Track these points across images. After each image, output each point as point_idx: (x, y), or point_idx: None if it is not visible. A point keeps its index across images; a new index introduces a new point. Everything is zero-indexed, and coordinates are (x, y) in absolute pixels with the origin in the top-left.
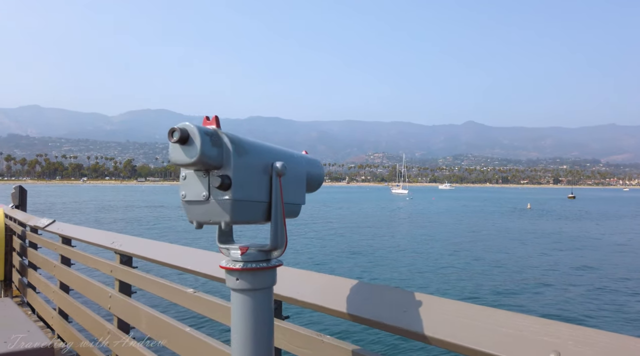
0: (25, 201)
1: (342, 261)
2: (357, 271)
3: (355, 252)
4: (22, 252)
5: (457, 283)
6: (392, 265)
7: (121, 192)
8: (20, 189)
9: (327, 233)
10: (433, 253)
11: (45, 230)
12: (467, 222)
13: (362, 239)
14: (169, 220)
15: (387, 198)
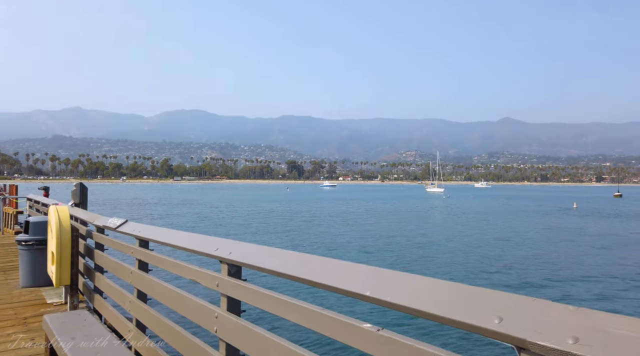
0: (86, 199)
1: (400, 263)
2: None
3: (403, 253)
4: (87, 254)
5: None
6: (448, 264)
7: (168, 190)
8: (80, 186)
9: (371, 230)
10: (491, 257)
11: (117, 231)
12: (517, 223)
13: (405, 236)
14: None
15: (422, 196)
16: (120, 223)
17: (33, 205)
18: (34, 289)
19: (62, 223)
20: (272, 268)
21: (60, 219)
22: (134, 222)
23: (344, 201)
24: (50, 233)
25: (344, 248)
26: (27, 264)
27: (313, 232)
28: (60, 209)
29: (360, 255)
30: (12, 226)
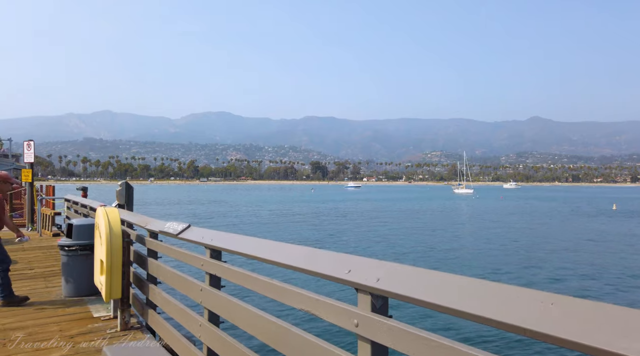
0: (132, 200)
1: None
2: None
3: (447, 256)
4: (139, 263)
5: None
6: (499, 269)
7: (198, 191)
8: (126, 186)
9: (407, 235)
10: (543, 262)
11: (180, 238)
12: (560, 225)
13: (444, 239)
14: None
15: (451, 197)
16: (182, 228)
17: (71, 206)
18: (78, 299)
19: (113, 227)
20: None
21: (111, 223)
22: (200, 227)
23: (374, 202)
24: (98, 238)
25: (400, 252)
26: (70, 272)
27: (367, 233)
28: (110, 211)
29: (415, 260)
30: (50, 227)
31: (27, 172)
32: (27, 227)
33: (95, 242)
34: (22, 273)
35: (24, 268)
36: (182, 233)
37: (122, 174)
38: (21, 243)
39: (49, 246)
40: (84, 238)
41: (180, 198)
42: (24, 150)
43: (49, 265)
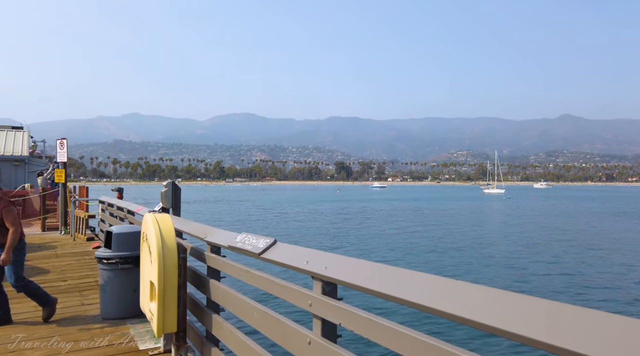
0: (179, 203)
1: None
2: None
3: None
4: (198, 285)
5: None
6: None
7: (227, 191)
8: (173, 187)
9: (452, 238)
10: (606, 270)
11: (263, 258)
12: (605, 228)
13: (486, 242)
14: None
15: (482, 197)
16: (266, 245)
17: (106, 209)
18: (118, 322)
19: (166, 240)
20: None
21: (163, 235)
22: (292, 245)
23: (407, 202)
24: (146, 254)
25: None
26: (110, 289)
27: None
28: (162, 219)
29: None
30: (84, 231)
31: (60, 172)
32: (60, 230)
33: (143, 257)
34: (54, 285)
35: (56, 279)
36: (266, 252)
37: (151, 175)
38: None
39: (83, 252)
40: (125, 249)
41: (215, 197)
42: (57, 149)
43: (83, 275)
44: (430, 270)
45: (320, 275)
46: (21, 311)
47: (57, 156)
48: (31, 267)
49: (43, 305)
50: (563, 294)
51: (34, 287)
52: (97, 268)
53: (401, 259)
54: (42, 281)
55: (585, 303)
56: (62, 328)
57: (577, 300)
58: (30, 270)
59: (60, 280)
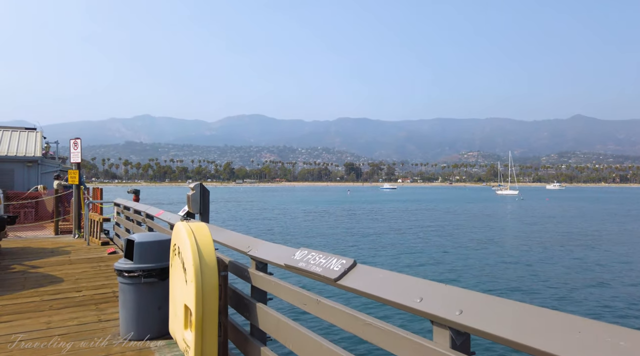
0: (207, 208)
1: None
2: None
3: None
4: (240, 308)
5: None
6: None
7: (238, 192)
8: (201, 189)
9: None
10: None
11: (341, 285)
12: (628, 229)
13: (512, 247)
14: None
15: (496, 199)
16: (344, 268)
17: (122, 212)
18: (141, 344)
19: (205, 257)
20: None
21: (201, 249)
22: (380, 269)
23: (423, 203)
24: (179, 271)
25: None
26: (131, 306)
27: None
28: (199, 230)
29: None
30: (98, 235)
31: (73, 173)
32: (74, 233)
33: (173, 274)
34: (68, 297)
35: (70, 289)
36: (345, 278)
37: (162, 176)
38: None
39: (97, 258)
40: (149, 260)
41: (231, 197)
42: (70, 149)
43: (99, 285)
44: (509, 292)
45: (450, 322)
46: (29, 330)
47: (70, 156)
48: (43, 274)
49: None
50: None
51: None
52: (113, 276)
53: (455, 272)
54: (55, 291)
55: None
56: (78, 351)
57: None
58: (43, 278)
59: (74, 290)
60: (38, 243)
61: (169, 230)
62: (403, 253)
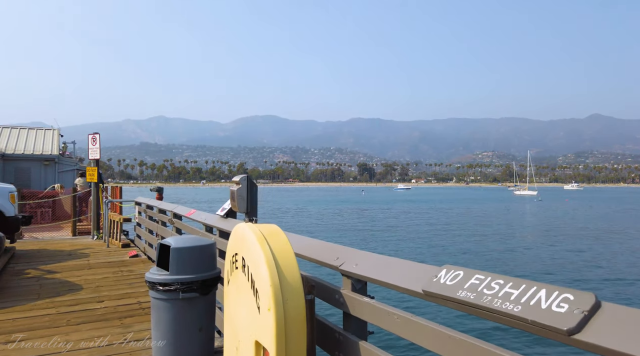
0: (256, 207)
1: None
2: None
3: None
4: (330, 348)
5: None
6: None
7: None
8: (248, 183)
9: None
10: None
11: (577, 340)
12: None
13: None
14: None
15: (512, 199)
16: (583, 310)
17: (144, 212)
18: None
19: (286, 273)
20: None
21: (280, 264)
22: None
23: (441, 203)
24: (246, 293)
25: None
26: (166, 327)
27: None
28: (272, 235)
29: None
30: (119, 237)
31: (92, 170)
32: (93, 234)
33: (233, 295)
34: (88, 308)
35: (90, 299)
36: (587, 328)
37: (176, 177)
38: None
39: (118, 262)
40: (189, 270)
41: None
42: (89, 145)
43: (122, 294)
44: None
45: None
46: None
47: (88, 152)
48: (60, 281)
49: None
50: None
51: None
52: (137, 284)
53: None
54: (74, 301)
55: None
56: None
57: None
58: (60, 285)
59: (95, 300)
60: (55, 245)
61: (204, 232)
62: (496, 260)
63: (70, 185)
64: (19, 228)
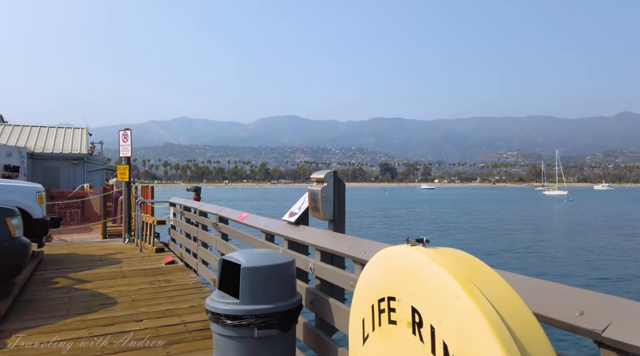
0: (344, 212)
1: None
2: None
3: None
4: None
5: None
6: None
7: (289, 193)
8: (335, 181)
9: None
10: None
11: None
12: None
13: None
14: None
15: (543, 199)
16: None
17: (180, 213)
18: None
19: (525, 322)
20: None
21: (521, 342)
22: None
23: (471, 203)
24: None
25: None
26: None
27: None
28: (475, 271)
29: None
30: (152, 240)
31: (123, 169)
32: (124, 237)
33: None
34: (125, 330)
35: (127, 318)
36: None
37: (199, 177)
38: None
39: (154, 269)
40: (267, 298)
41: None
42: (119, 142)
43: (163, 311)
44: None
45: None
46: None
47: (119, 150)
48: (92, 292)
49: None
50: None
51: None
52: (178, 298)
53: None
54: (108, 320)
55: None
56: None
57: None
58: (91, 298)
59: (132, 319)
60: (85, 248)
61: (263, 241)
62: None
63: (99, 184)
64: (48, 232)
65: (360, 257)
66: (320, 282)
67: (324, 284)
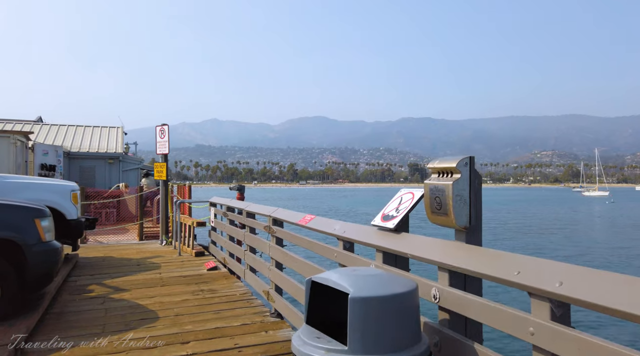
0: (481, 215)
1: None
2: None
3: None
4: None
5: None
6: None
7: (331, 193)
8: (471, 174)
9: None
10: None
11: None
12: None
13: None
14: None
15: (584, 200)
16: None
17: (223, 214)
18: None
19: None
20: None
21: None
22: None
23: (514, 204)
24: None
25: None
26: None
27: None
28: None
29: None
30: (191, 243)
31: (160, 167)
32: (161, 239)
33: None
34: (170, 353)
35: (172, 339)
36: None
37: (229, 178)
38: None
39: (195, 275)
40: (385, 345)
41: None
42: (157, 138)
43: (212, 330)
44: None
45: (549, 293)
46: None
47: (156, 146)
48: (130, 304)
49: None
50: None
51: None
52: (226, 313)
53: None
54: (150, 340)
55: None
56: None
57: None
58: (129, 311)
59: (178, 340)
60: (121, 251)
61: (340, 250)
62: None
63: (134, 184)
64: (82, 234)
65: (549, 290)
66: (449, 316)
67: (457, 320)
